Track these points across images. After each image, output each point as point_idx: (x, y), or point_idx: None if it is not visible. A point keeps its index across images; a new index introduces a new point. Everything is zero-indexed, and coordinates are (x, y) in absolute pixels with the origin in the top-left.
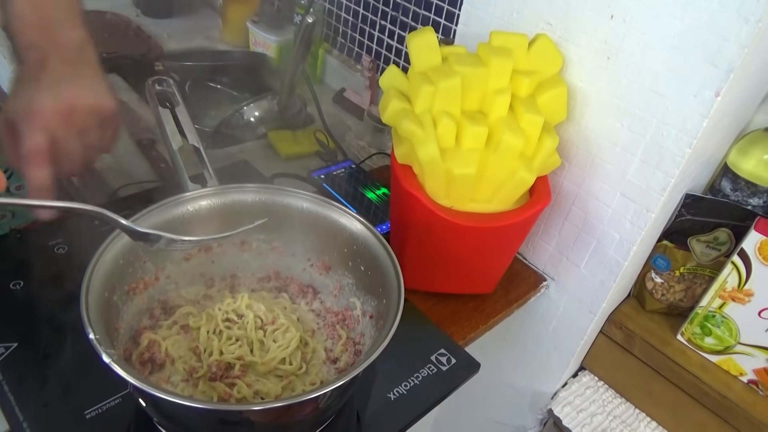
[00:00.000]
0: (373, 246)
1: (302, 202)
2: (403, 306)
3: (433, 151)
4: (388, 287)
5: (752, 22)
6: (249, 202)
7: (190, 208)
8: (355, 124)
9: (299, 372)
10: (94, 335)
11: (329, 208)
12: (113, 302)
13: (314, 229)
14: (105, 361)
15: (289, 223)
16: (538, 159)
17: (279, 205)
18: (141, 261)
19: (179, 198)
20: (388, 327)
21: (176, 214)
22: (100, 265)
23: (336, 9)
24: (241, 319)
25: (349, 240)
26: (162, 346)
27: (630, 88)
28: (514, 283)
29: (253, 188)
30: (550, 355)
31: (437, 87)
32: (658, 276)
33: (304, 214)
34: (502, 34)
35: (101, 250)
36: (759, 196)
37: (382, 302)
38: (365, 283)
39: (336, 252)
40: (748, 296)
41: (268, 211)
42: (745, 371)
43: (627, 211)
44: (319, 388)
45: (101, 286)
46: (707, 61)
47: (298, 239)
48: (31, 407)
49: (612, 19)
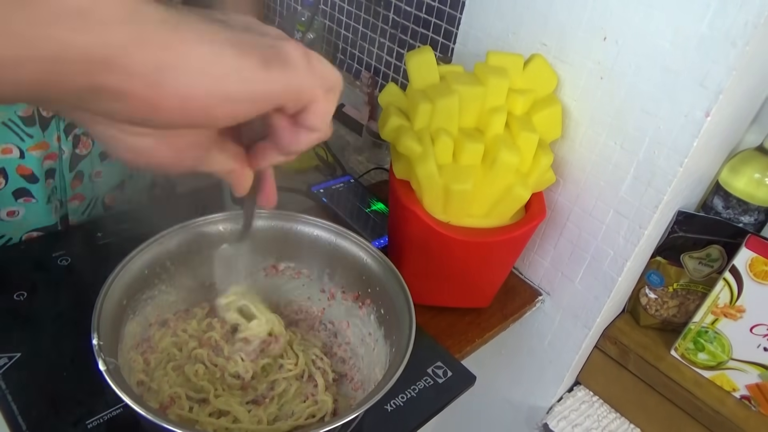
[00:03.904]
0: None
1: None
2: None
3: (431, 167)
4: (401, 332)
5: (740, 46)
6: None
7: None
8: (354, 139)
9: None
10: (97, 341)
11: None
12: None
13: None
14: (100, 369)
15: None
16: (534, 176)
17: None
18: (167, 274)
19: (195, 222)
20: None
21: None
22: (124, 272)
23: (336, 26)
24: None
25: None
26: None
27: (622, 108)
28: (510, 297)
29: (268, 214)
30: (545, 370)
31: (435, 105)
32: (651, 292)
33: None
34: (498, 54)
35: (129, 257)
36: (750, 213)
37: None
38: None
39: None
40: (740, 312)
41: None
42: (737, 387)
43: (620, 228)
44: (334, 420)
45: (120, 293)
46: (697, 82)
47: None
48: (33, 416)
49: (605, 40)
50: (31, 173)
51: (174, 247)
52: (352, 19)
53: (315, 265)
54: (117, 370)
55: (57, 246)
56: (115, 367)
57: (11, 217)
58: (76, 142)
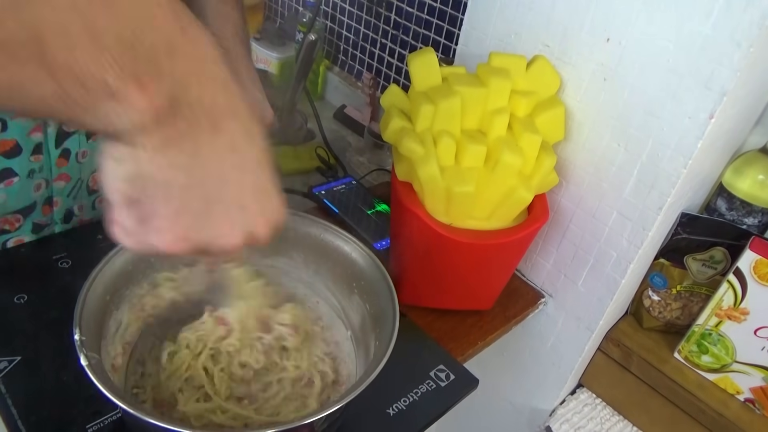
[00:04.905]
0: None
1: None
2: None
3: (433, 169)
4: (384, 322)
5: (744, 47)
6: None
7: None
8: (356, 141)
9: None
10: (79, 336)
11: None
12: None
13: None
14: (81, 365)
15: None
16: (536, 177)
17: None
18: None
19: None
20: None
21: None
22: (107, 268)
23: (338, 27)
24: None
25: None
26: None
27: (626, 109)
28: (512, 299)
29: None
30: (548, 372)
31: (437, 106)
32: (655, 294)
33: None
34: (500, 55)
35: (110, 255)
36: (754, 215)
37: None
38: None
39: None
40: (744, 315)
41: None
42: (741, 390)
43: (624, 230)
44: (316, 412)
45: (103, 289)
46: (701, 84)
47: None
48: (33, 420)
49: (608, 42)
50: (14, 144)
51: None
52: (353, 20)
53: (300, 260)
54: (99, 364)
55: (57, 249)
56: (97, 362)
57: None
58: None
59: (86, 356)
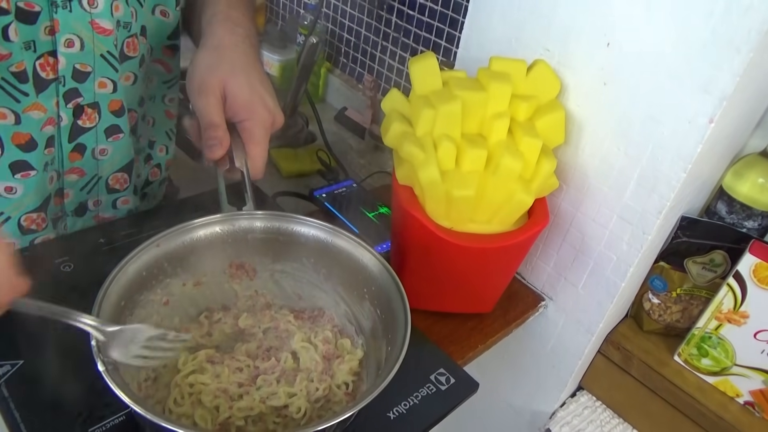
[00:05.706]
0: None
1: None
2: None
3: (434, 173)
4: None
5: (744, 52)
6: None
7: (202, 234)
8: (357, 143)
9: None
10: (96, 342)
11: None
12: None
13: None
14: (99, 370)
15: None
16: (537, 181)
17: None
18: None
19: (189, 225)
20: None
21: (187, 240)
22: (120, 274)
23: (339, 30)
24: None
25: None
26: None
27: (626, 114)
28: (512, 302)
29: (263, 215)
30: (548, 375)
31: (438, 111)
32: (655, 297)
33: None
34: (501, 59)
35: (126, 260)
36: (754, 219)
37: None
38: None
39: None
40: (744, 318)
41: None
42: (741, 393)
43: (624, 233)
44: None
45: (118, 295)
46: (701, 88)
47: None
48: (35, 424)
49: (608, 46)
50: (29, 138)
51: (171, 248)
52: (354, 23)
53: (310, 265)
54: (116, 371)
55: (60, 252)
56: (114, 368)
57: (9, 194)
58: (78, 112)
59: (103, 362)
